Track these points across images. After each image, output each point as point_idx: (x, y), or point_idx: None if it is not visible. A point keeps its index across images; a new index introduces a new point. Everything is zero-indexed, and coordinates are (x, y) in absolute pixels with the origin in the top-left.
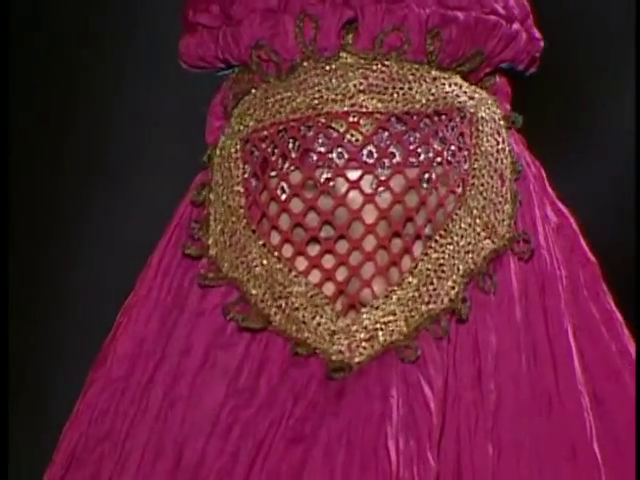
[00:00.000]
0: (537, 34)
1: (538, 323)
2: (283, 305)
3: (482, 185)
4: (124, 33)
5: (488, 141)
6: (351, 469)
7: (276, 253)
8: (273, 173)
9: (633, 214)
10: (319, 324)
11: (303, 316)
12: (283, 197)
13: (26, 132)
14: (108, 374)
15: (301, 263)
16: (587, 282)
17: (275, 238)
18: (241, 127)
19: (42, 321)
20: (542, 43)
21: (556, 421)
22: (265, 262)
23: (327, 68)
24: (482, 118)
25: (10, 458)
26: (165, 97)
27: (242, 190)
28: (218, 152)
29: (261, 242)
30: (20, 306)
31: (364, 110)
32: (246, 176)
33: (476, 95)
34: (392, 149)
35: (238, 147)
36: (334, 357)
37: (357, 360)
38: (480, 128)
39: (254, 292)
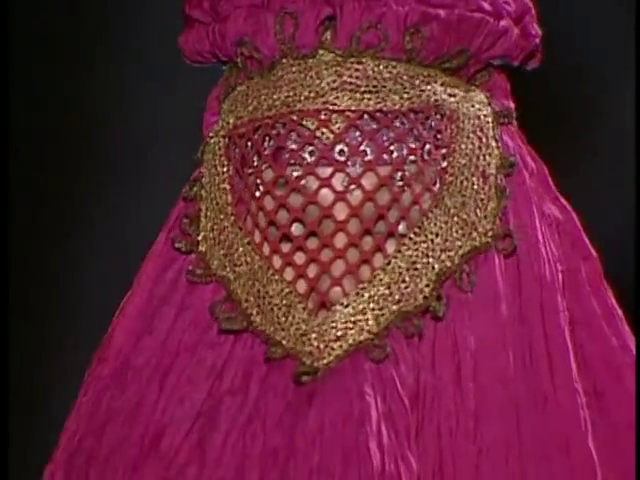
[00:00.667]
0: (534, 30)
1: (534, 319)
2: (261, 305)
3: (461, 183)
4: (126, 31)
5: (469, 138)
6: (331, 470)
7: (259, 251)
8: (250, 171)
9: (633, 214)
10: (292, 324)
11: (278, 316)
12: (257, 194)
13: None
14: (103, 371)
15: (277, 261)
16: (589, 277)
17: (257, 236)
18: (224, 124)
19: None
20: (538, 39)
21: (551, 417)
22: (249, 260)
23: (304, 65)
24: (463, 115)
25: (10, 456)
26: (170, 94)
27: (228, 187)
28: (207, 149)
29: (246, 240)
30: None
31: (335, 108)
32: (230, 173)
33: (459, 93)
34: (364, 147)
35: (221, 144)
36: (304, 359)
37: (325, 361)
38: (461, 125)
39: (239, 292)
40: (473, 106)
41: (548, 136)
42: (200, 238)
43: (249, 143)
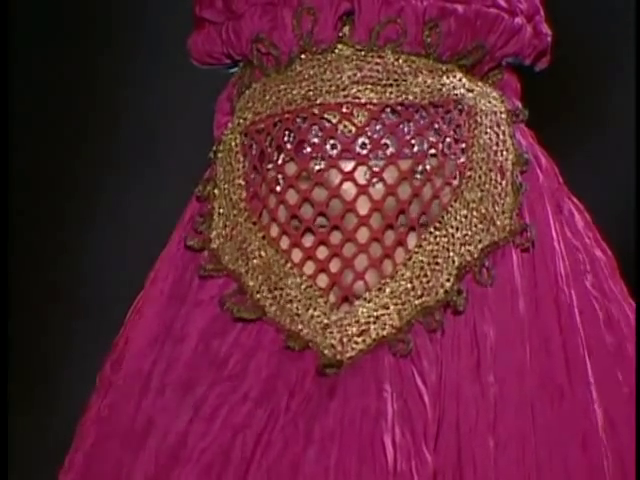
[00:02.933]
0: (545, 29)
1: (550, 315)
2: (278, 297)
3: (480, 177)
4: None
5: (487, 133)
6: (347, 465)
7: (275, 245)
8: (270, 165)
9: (633, 215)
10: (312, 317)
11: (297, 308)
12: (279, 189)
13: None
14: (120, 375)
15: (296, 255)
16: (609, 274)
17: (274, 230)
18: (241, 121)
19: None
20: (549, 39)
21: (566, 412)
22: (264, 254)
23: (323, 60)
24: (481, 110)
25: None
26: (179, 91)
27: (243, 183)
28: (221, 147)
29: (261, 234)
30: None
31: (357, 101)
32: (246, 169)
33: (477, 88)
34: (385, 140)
35: (238, 141)
36: (326, 352)
37: (349, 355)
38: (479, 120)
39: (251, 284)
40: (490, 102)
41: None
42: (213, 235)
43: (269, 138)
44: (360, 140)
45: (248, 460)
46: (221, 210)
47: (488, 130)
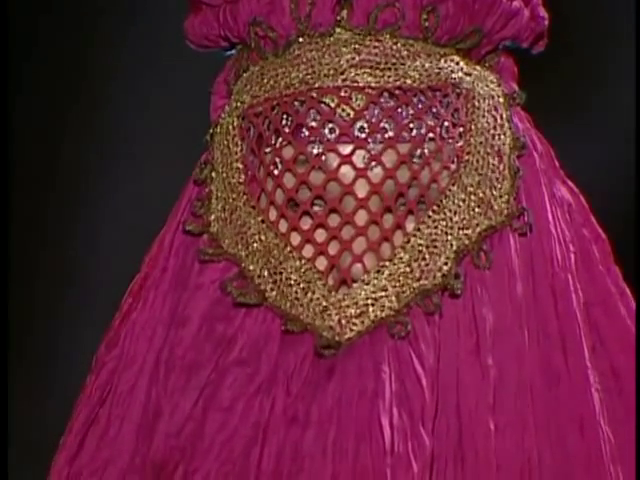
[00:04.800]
0: (542, 12)
1: (547, 299)
2: (278, 281)
3: (477, 161)
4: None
5: (485, 117)
6: (344, 445)
7: (274, 229)
8: (268, 149)
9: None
10: (311, 300)
11: (296, 292)
12: (276, 172)
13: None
14: (122, 356)
15: (295, 238)
16: (600, 258)
17: (272, 214)
18: (238, 104)
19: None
20: (546, 22)
21: (564, 397)
22: (263, 238)
23: (321, 44)
24: (479, 94)
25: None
26: (174, 78)
27: (241, 166)
28: (218, 130)
29: (260, 218)
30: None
31: (355, 85)
32: (244, 152)
33: (474, 72)
34: (384, 124)
35: (235, 124)
36: (325, 333)
37: (347, 336)
38: (476, 104)
39: (252, 268)
40: (487, 86)
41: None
42: (212, 219)
43: (267, 121)
44: (358, 124)
45: (259, 451)
46: (219, 193)
47: (486, 114)
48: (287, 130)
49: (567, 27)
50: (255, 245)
